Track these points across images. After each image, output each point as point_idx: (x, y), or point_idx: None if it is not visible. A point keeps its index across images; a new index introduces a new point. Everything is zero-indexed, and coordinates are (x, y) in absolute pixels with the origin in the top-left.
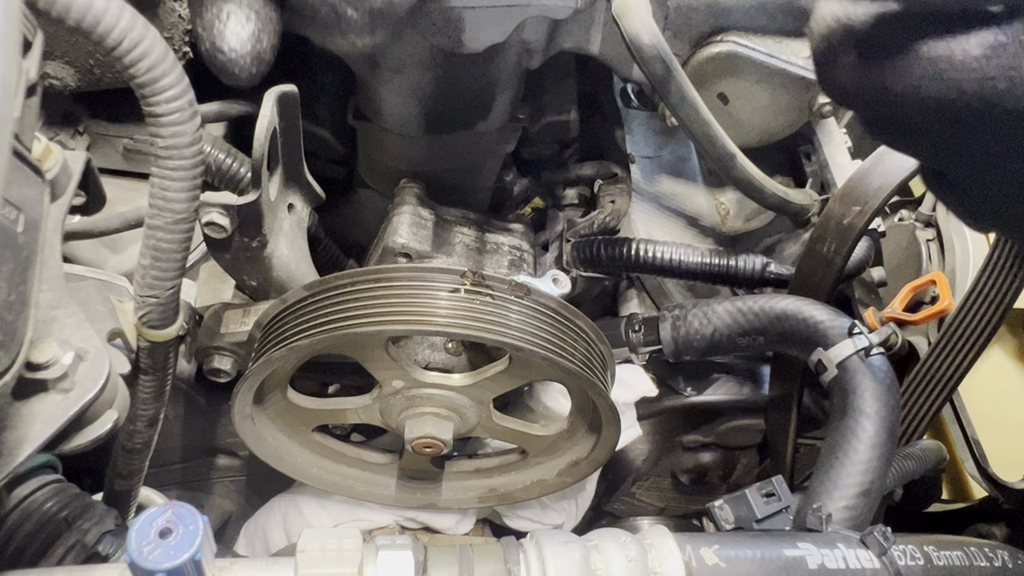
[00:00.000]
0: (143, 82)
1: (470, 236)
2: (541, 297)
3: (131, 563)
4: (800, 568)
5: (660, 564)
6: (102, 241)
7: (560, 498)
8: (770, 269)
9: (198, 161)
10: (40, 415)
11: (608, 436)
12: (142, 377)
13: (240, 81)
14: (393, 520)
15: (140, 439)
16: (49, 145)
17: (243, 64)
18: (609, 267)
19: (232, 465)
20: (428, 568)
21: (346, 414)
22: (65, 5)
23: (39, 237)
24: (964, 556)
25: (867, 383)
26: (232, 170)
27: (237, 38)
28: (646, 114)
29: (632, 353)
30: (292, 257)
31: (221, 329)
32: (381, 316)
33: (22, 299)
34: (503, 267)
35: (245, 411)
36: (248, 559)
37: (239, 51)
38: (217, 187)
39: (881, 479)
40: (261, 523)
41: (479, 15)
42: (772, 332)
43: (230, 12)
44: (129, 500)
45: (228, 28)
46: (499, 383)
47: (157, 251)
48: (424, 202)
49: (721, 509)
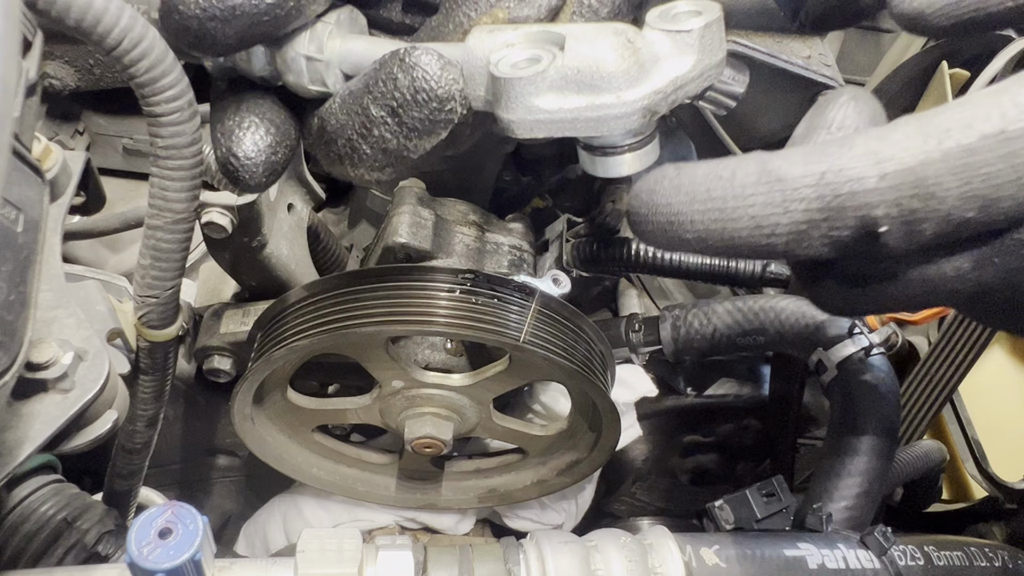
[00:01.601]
0: (143, 82)
1: (470, 236)
2: (541, 297)
3: (131, 563)
4: (800, 568)
5: (660, 564)
6: (102, 241)
7: (560, 498)
8: (770, 269)
9: (198, 161)
10: (40, 415)
11: (608, 436)
12: (142, 377)
13: (249, 188)
14: (393, 520)
15: (140, 439)
16: (49, 145)
17: (255, 172)
18: (609, 267)
19: (232, 465)
20: (428, 568)
21: (346, 414)
22: (65, 5)
23: (39, 237)
24: (964, 556)
25: (867, 383)
26: None
27: (255, 147)
28: None
29: (632, 353)
30: (292, 257)
31: (221, 329)
32: (381, 316)
33: (22, 299)
34: (503, 267)
35: (245, 411)
36: (248, 559)
37: (254, 159)
38: (217, 187)
39: (881, 479)
40: (261, 523)
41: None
42: (772, 332)
43: (252, 122)
44: (129, 500)
45: (247, 136)
46: (499, 383)
47: (157, 251)
48: (424, 202)
49: (721, 509)
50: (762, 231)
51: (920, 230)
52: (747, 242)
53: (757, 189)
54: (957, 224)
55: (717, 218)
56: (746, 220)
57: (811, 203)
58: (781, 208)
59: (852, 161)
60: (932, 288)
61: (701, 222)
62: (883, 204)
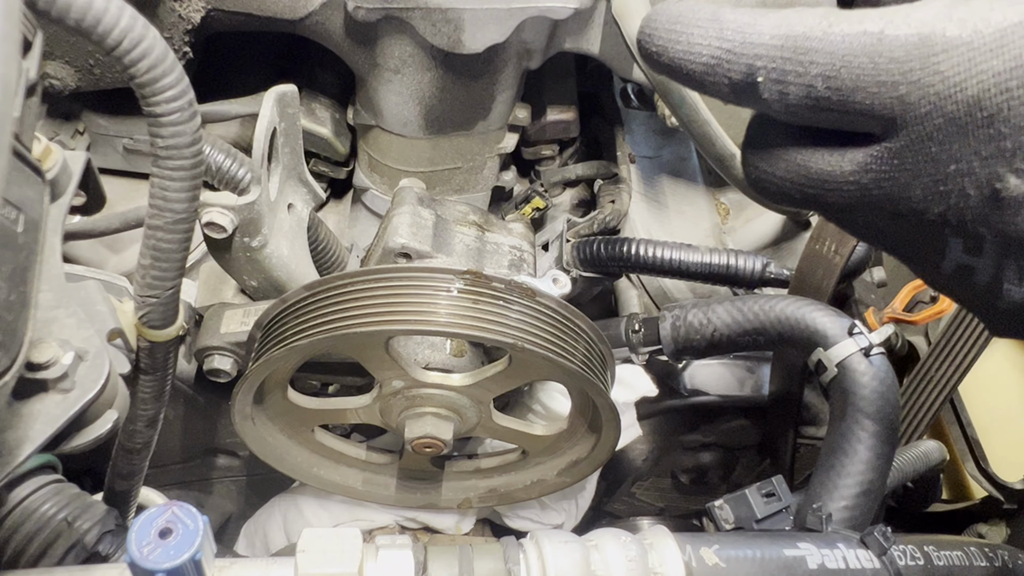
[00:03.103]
0: (143, 82)
1: (470, 236)
2: (542, 297)
3: (131, 563)
4: (800, 568)
5: (660, 564)
6: (102, 241)
7: (560, 498)
8: (770, 269)
9: (198, 161)
10: (40, 415)
11: (608, 436)
12: (142, 377)
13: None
14: (393, 520)
15: (140, 439)
16: (49, 145)
17: None
18: (609, 267)
19: (232, 465)
20: (428, 568)
21: (346, 414)
22: (65, 5)
23: (39, 237)
24: (964, 556)
25: (867, 383)
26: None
27: None
28: (646, 114)
29: (632, 353)
30: (292, 257)
31: (221, 329)
32: (381, 316)
33: (22, 299)
34: (503, 267)
35: (245, 411)
36: (248, 559)
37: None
38: (217, 187)
39: (881, 479)
40: (261, 523)
41: (479, 16)
42: (772, 332)
43: None
44: (129, 500)
45: None
46: (499, 383)
47: (157, 251)
48: (424, 202)
49: (721, 509)
50: (689, 56)
51: (787, 92)
52: (681, 55)
53: (702, 25)
54: (816, 99)
55: (671, 38)
56: (683, 44)
57: (723, 43)
58: (705, 42)
59: (763, 20)
60: (811, 174)
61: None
62: (765, 58)
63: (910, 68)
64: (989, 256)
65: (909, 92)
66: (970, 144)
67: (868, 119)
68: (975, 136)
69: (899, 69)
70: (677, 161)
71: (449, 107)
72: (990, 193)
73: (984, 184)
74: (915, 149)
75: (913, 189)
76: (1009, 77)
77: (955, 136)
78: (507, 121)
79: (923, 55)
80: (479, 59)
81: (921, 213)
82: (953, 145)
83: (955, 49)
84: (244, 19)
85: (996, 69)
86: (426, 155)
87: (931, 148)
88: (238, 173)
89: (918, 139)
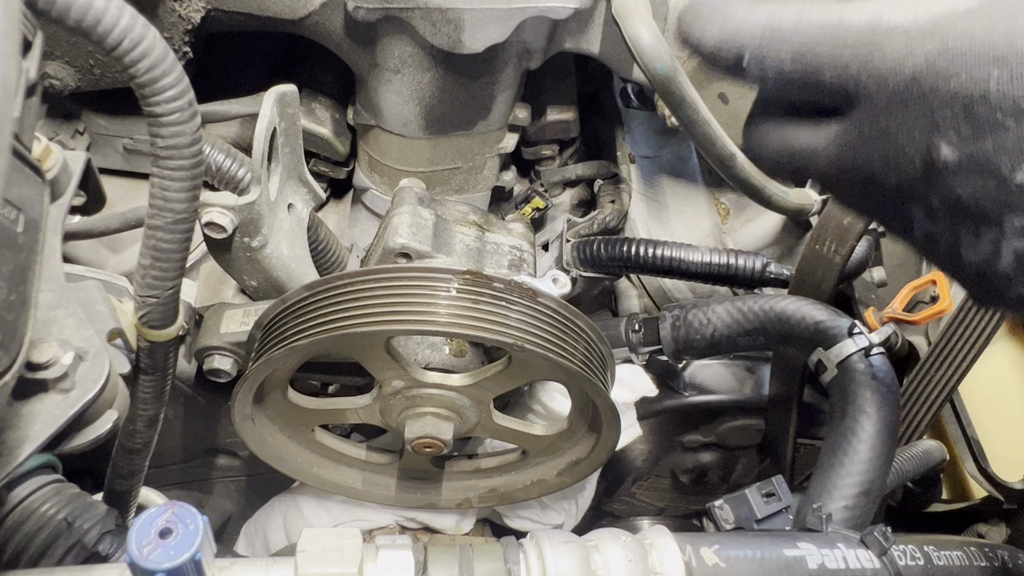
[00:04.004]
0: (143, 82)
1: (470, 236)
2: (542, 297)
3: (131, 563)
4: (800, 568)
5: (660, 564)
6: (102, 241)
7: (560, 498)
8: (770, 269)
9: (198, 161)
10: (40, 415)
11: (608, 436)
12: (142, 377)
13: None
14: (393, 520)
15: (140, 439)
16: (49, 145)
17: None
18: (609, 267)
19: (232, 465)
20: (428, 568)
21: (346, 414)
22: (65, 5)
23: (39, 237)
24: (964, 556)
25: (867, 383)
26: (232, 170)
27: None
28: (646, 114)
29: (632, 353)
30: (292, 257)
31: (221, 329)
32: (381, 316)
33: (22, 299)
34: (503, 267)
35: (245, 411)
36: (248, 559)
37: None
38: (217, 187)
39: (881, 479)
40: (261, 523)
41: (479, 16)
42: (772, 332)
43: None
44: (129, 500)
45: None
46: (499, 383)
47: (157, 251)
48: (424, 202)
49: (721, 509)
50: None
51: (765, 67)
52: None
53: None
54: (788, 76)
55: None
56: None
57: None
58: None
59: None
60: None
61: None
62: (750, 38)
63: (860, 50)
64: (942, 222)
65: (859, 71)
66: (910, 117)
67: (832, 95)
68: (913, 110)
69: (851, 51)
70: (677, 161)
71: (449, 107)
72: (930, 162)
73: (925, 153)
74: (871, 122)
75: (873, 160)
76: (938, 58)
77: (899, 110)
78: (507, 121)
79: (870, 39)
80: (479, 59)
81: (882, 182)
82: (898, 119)
83: (896, 33)
84: (244, 19)
85: (927, 51)
86: (426, 155)
87: (882, 121)
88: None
89: (872, 113)
